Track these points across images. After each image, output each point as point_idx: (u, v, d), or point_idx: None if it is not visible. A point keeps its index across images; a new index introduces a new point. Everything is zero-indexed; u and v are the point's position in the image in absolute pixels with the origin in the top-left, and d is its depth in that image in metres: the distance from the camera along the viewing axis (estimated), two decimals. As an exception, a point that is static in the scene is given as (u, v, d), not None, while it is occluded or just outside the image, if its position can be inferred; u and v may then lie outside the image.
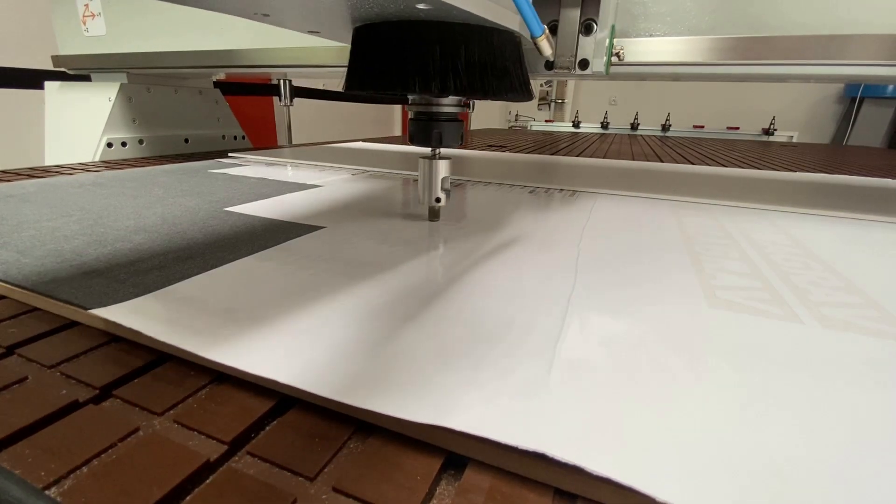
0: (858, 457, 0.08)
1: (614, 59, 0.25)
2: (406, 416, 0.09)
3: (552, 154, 0.63)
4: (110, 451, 0.09)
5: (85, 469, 0.08)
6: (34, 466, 0.08)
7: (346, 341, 0.11)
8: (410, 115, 0.20)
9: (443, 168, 0.21)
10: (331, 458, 0.09)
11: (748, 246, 0.21)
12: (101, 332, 0.13)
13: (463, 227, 0.23)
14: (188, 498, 0.08)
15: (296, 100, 0.79)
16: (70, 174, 0.34)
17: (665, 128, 1.57)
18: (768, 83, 1.36)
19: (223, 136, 0.53)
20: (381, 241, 0.20)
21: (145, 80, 0.43)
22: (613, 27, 0.24)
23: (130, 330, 0.12)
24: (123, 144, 0.42)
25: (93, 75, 0.43)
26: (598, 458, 0.08)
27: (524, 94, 0.18)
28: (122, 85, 0.41)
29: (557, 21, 0.24)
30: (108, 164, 0.38)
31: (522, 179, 0.37)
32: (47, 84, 0.45)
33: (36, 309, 0.14)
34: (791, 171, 0.51)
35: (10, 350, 0.12)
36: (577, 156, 0.61)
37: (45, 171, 0.35)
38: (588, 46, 0.24)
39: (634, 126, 1.61)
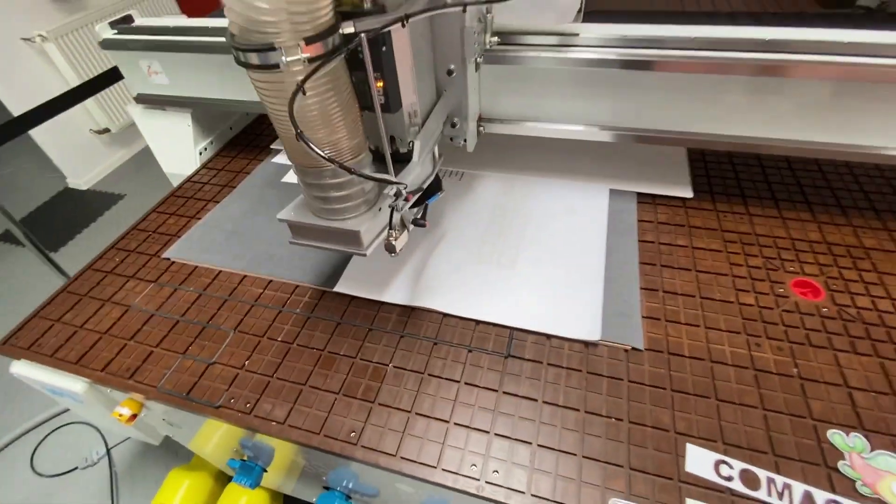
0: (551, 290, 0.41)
1: None
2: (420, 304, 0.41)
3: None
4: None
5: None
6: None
7: (404, 274, 0.43)
8: None
9: None
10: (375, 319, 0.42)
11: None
12: (337, 297, 0.45)
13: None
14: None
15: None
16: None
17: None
18: None
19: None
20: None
21: (206, 109, 0.64)
22: None
23: (349, 295, 0.44)
24: (206, 148, 0.66)
25: (166, 107, 0.64)
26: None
27: None
28: (192, 113, 0.63)
29: None
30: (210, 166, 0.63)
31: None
32: (130, 107, 0.65)
33: (298, 286, 0.46)
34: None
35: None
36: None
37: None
38: None
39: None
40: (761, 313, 0.38)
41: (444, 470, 0.31)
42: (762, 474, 0.29)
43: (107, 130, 1.38)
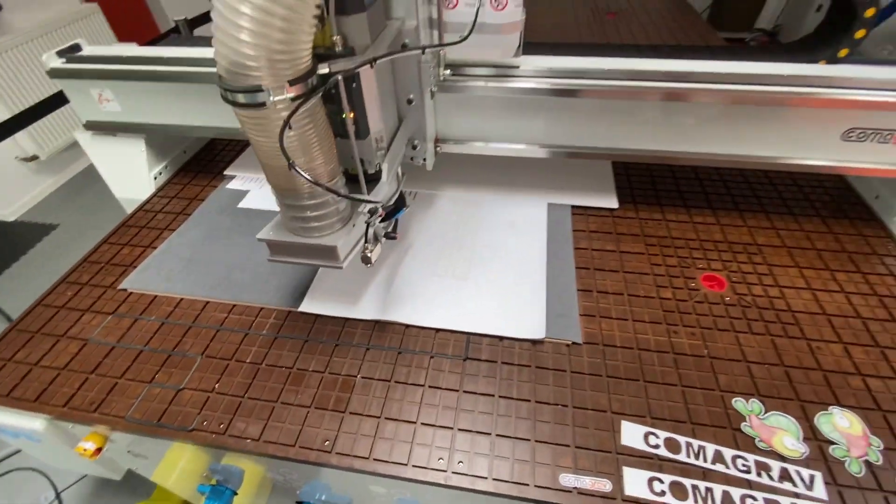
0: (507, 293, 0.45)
1: None
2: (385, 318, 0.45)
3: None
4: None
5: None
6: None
7: (370, 290, 0.46)
8: None
9: None
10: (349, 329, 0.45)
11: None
12: (301, 316, 0.47)
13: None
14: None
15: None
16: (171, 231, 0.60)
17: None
18: None
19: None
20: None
21: (159, 135, 0.64)
22: None
23: (314, 314, 0.46)
24: (161, 172, 0.66)
25: (117, 133, 0.63)
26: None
27: None
28: (145, 139, 0.62)
29: None
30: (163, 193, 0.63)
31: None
32: (77, 134, 0.64)
33: (263, 308, 0.47)
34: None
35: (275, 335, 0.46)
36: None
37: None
38: None
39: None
40: (677, 305, 0.45)
41: (414, 466, 0.35)
42: (682, 440, 0.35)
43: (35, 158, 1.30)
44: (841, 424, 0.36)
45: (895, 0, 0.88)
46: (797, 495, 0.32)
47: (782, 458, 0.34)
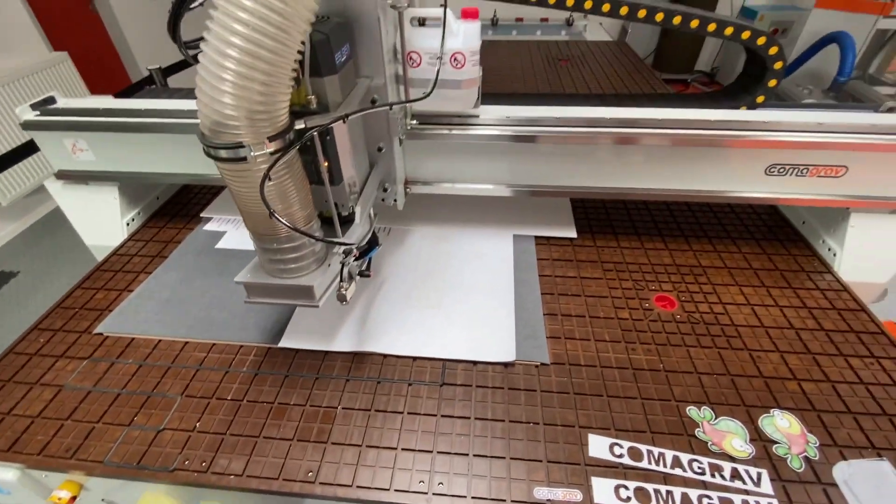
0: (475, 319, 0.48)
1: None
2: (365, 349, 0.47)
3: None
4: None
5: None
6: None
7: (347, 323, 0.48)
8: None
9: None
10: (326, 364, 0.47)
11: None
12: (280, 352, 0.48)
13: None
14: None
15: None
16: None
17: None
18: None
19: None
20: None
21: (133, 182, 0.65)
22: None
23: (294, 349, 0.47)
24: (133, 219, 0.67)
25: (90, 182, 0.64)
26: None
27: None
28: (119, 186, 0.64)
29: None
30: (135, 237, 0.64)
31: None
32: (48, 183, 0.65)
33: (242, 346, 0.49)
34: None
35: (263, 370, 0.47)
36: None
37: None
38: None
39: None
40: (634, 324, 0.49)
41: (396, 490, 0.36)
42: (643, 448, 0.38)
43: (-5, 204, 1.27)
44: (781, 425, 0.40)
45: (804, 54, 1.00)
46: (747, 492, 0.35)
47: (732, 459, 0.37)
